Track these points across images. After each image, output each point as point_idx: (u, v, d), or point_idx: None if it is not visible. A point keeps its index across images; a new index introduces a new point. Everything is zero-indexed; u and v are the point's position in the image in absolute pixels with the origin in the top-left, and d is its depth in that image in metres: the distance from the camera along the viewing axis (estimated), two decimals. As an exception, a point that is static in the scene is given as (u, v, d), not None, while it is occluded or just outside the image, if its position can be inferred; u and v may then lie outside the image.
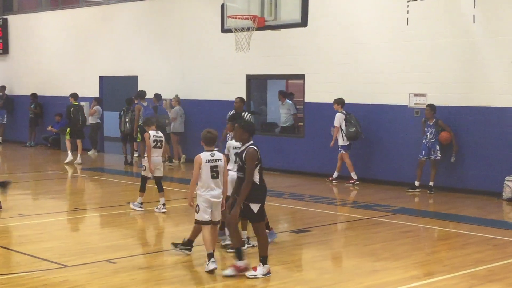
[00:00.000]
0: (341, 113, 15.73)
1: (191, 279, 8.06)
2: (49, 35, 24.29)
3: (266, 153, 16.97)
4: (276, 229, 11.51)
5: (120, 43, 21.65)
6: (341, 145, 15.77)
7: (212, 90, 19.14)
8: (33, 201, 14.19)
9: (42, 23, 24.66)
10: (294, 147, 17.29)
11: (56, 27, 24.05)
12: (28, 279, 7.98)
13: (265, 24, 13.26)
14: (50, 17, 24.40)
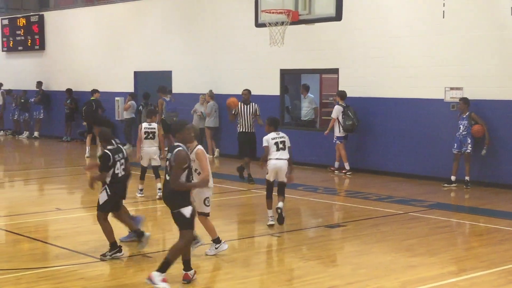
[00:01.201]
0: (340, 105, 16.18)
1: (226, 273, 8.07)
2: (84, 31, 24.51)
3: (301, 147, 17.02)
4: (311, 224, 11.51)
5: (154, 38, 21.75)
6: (337, 136, 16.29)
7: (246, 84, 19.06)
8: (69, 195, 14.34)
9: (77, 19, 24.89)
10: (327, 141, 17.19)
11: (91, 23, 24.26)
12: (66, 272, 8.08)
13: (299, 18, 13.23)
14: (86, 13, 24.61)
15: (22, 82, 26.59)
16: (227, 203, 12.97)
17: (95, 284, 7.60)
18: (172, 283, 7.46)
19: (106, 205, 8.90)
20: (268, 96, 18.48)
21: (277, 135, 10.70)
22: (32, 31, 26.32)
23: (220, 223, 11.14)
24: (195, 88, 20.24)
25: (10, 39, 27.34)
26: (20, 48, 27.03)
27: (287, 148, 10.66)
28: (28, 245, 9.52)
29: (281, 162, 10.57)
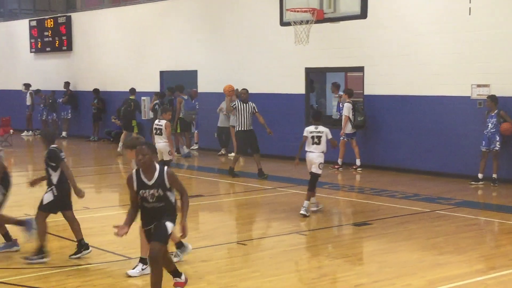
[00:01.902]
0: (349, 103, 16.37)
1: (253, 271, 8.07)
2: (110, 31, 24.67)
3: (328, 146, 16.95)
4: (337, 222, 11.47)
5: (179, 38, 21.82)
6: (346, 133, 16.47)
7: (271, 83, 19.12)
8: (97, 194, 14.44)
9: (104, 20, 25.06)
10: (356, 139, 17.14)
11: (118, 23, 24.41)
12: (94, 270, 8.14)
13: (324, 17, 13.19)
14: (112, 14, 24.78)
15: (50, 83, 26.84)
16: (253, 202, 12.98)
17: (122, 282, 7.64)
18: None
19: (49, 205, 8.82)
20: (293, 94, 18.47)
21: (315, 129, 11.46)
22: (59, 32, 26.55)
23: (247, 221, 11.18)
24: (220, 87, 20.21)
25: (38, 40, 27.61)
26: (48, 49, 27.27)
27: (323, 143, 11.33)
28: (57, 244, 9.60)
29: (313, 155, 11.33)
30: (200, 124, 21.39)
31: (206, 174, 16.43)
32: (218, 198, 13.57)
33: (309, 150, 11.48)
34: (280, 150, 18.78)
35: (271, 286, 7.47)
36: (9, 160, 20.10)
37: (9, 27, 29.84)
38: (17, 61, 29.32)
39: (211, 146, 20.59)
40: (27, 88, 27.29)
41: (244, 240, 9.60)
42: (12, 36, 29.50)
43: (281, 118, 18.79)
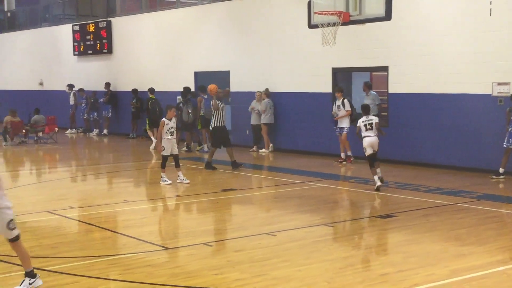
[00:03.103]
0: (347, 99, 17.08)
1: (283, 261, 8.06)
2: (148, 35, 24.82)
3: (353, 142, 16.90)
4: (362, 215, 11.42)
5: (213, 40, 21.87)
6: (347, 127, 16.88)
7: (300, 83, 19.08)
8: (136, 188, 14.53)
9: (141, 24, 25.21)
10: (386, 136, 17.00)
11: (155, 27, 24.53)
12: (134, 259, 8.19)
13: (350, 19, 13.16)
14: (149, 19, 24.91)
15: (92, 84, 27.08)
16: (283, 195, 12.97)
17: (161, 271, 7.68)
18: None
19: None
20: (320, 93, 18.41)
21: (366, 119, 13.08)
22: (100, 36, 26.77)
23: (276, 214, 11.16)
24: (251, 87, 20.28)
25: (81, 43, 27.87)
26: (90, 52, 27.52)
27: (374, 127, 12.97)
28: (99, 235, 9.68)
29: (371, 138, 12.96)
30: (233, 122, 21.42)
31: (238, 169, 16.43)
32: (250, 191, 13.58)
33: (366, 135, 12.99)
34: (308, 146, 18.75)
35: (300, 275, 7.45)
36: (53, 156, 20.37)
37: (54, 32, 30.18)
38: (61, 63, 29.64)
39: (244, 143, 20.61)
40: (70, 89, 27.59)
41: (275, 231, 9.59)
42: (57, 40, 29.83)
43: (309, 116, 18.75)
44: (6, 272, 7.66)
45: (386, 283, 7.14)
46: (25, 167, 18.57)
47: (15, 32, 33.29)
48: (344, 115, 16.95)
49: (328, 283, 7.14)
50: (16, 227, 6.88)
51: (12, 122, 22.90)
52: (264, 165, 17.64)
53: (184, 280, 7.28)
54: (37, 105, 25.55)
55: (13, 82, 33.26)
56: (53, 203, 12.16)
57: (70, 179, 15.74)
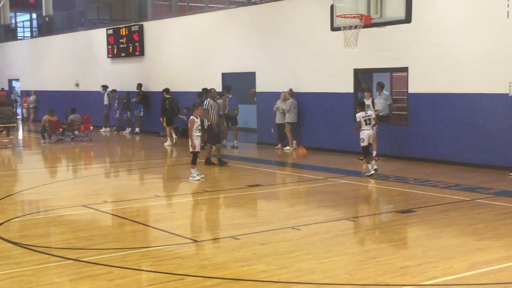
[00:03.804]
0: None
1: (307, 253, 8.05)
2: (178, 38, 24.92)
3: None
4: (383, 209, 11.35)
5: (239, 43, 21.89)
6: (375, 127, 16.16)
7: (323, 83, 19.02)
8: (166, 183, 14.59)
9: (172, 28, 25.32)
10: (399, 134, 16.90)
11: (184, 30, 24.62)
12: (164, 252, 8.23)
13: (372, 22, 13.05)
14: (179, 22, 25.00)
15: (125, 84, 27.26)
16: (306, 191, 12.94)
17: (190, 262, 7.71)
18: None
19: None
20: (342, 93, 18.33)
21: (366, 114, 14.14)
22: (133, 39, 26.93)
23: (300, 209, 11.15)
24: (276, 87, 20.26)
25: (114, 46, 28.07)
26: (122, 54, 27.71)
27: (372, 122, 14.17)
28: (132, 228, 9.75)
29: (369, 131, 14.13)
30: (259, 121, 21.43)
31: (264, 165, 16.45)
32: (275, 187, 13.58)
33: (365, 129, 14.08)
34: (331, 144, 18.68)
35: (323, 267, 7.43)
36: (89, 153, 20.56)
37: (89, 36, 30.44)
38: (96, 65, 29.89)
39: (269, 141, 20.61)
40: (104, 89, 27.81)
41: (298, 225, 9.58)
42: (92, 44, 30.07)
43: (331, 115, 18.69)
44: (43, 262, 7.75)
45: (406, 275, 7.09)
46: (62, 164, 18.76)
47: (53, 36, 33.63)
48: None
49: (350, 275, 7.12)
50: None
51: (50, 121, 23.15)
52: (288, 162, 17.62)
53: (212, 271, 7.30)
54: (73, 105, 25.80)
55: (51, 83, 33.63)
56: (88, 198, 12.27)
57: (104, 175, 15.87)
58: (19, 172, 17.18)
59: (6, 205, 11.71)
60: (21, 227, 9.96)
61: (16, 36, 39.55)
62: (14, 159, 19.95)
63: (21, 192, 13.21)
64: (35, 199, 12.56)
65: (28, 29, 40.25)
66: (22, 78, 37.04)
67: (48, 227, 9.89)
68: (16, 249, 8.38)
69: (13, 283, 6.97)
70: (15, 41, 38.46)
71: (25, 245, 8.53)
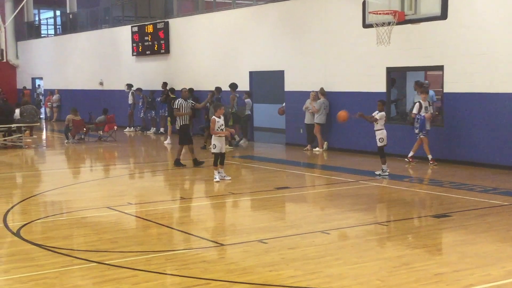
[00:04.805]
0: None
1: (337, 258, 8.02)
2: (204, 35, 25.01)
3: (404, 141, 16.70)
4: (417, 214, 11.27)
5: (267, 40, 21.90)
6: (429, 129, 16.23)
7: (354, 82, 18.94)
8: (192, 185, 14.66)
9: (198, 25, 25.43)
10: (433, 135, 16.75)
11: (210, 28, 24.71)
12: (190, 255, 8.26)
13: (405, 18, 12.98)
14: (205, 19, 25.10)
15: (149, 83, 27.46)
16: (337, 193, 12.90)
17: (216, 267, 7.73)
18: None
19: None
20: (374, 93, 18.23)
21: (385, 113, 14.45)
22: (158, 36, 27.12)
23: (331, 212, 11.12)
24: (306, 86, 20.24)
25: (139, 44, 28.28)
26: (147, 52, 27.91)
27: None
28: (156, 230, 9.81)
29: (385, 131, 14.43)
30: (287, 121, 21.42)
31: (292, 167, 16.45)
32: (304, 190, 13.57)
33: (383, 128, 14.46)
34: (362, 145, 18.59)
35: (354, 273, 7.40)
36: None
37: (114, 33, 30.72)
38: (120, 63, 30.15)
39: (298, 142, 20.59)
40: (129, 88, 28.04)
41: (328, 229, 9.55)
42: (116, 41, 30.35)
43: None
44: (67, 265, 7.83)
45: (441, 282, 7.03)
46: (85, 164, 18.96)
47: (77, 33, 34.02)
48: (431, 117, 16.21)
49: (382, 282, 7.07)
50: None
51: (74, 120, 23.41)
52: (317, 164, 17.58)
53: (239, 276, 7.32)
54: (97, 104, 26.07)
55: (74, 82, 34.01)
56: (112, 199, 12.38)
57: (128, 176, 16.00)
58: (42, 172, 17.40)
59: (29, 206, 11.88)
60: (44, 228, 10.09)
61: (39, 33, 40.08)
62: (37, 159, 20.22)
63: (44, 193, 13.38)
64: (58, 200, 12.72)
65: (52, 26, 40.74)
66: (46, 76, 37.52)
67: (71, 229, 10.00)
68: (39, 251, 8.49)
69: (36, 286, 7.06)
70: (38, 38, 38.98)
71: (48, 247, 8.64)
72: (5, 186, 14.39)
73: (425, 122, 15.94)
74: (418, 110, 16.05)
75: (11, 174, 16.67)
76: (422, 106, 16.04)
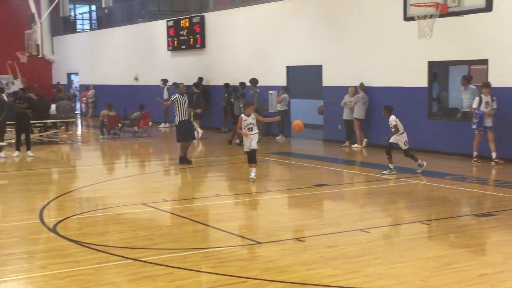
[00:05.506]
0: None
1: (376, 258, 7.98)
2: (240, 29, 25.06)
3: (447, 137, 16.50)
4: (460, 213, 11.13)
5: (305, 34, 21.84)
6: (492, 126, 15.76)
7: (394, 77, 18.78)
8: (228, 182, 14.69)
9: (234, 19, 25.48)
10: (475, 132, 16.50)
11: (247, 22, 24.74)
12: (226, 253, 8.30)
13: (448, 11, 12.82)
14: (242, 13, 25.13)
15: (185, 78, 27.58)
16: (376, 191, 12.82)
17: (253, 265, 7.76)
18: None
19: None
20: (415, 88, 18.06)
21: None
22: (194, 31, 27.25)
23: (370, 210, 11.06)
24: (344, 81, 20.14)
25: (175, 39, 28.47)
26: (183, 47, 28.07)
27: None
28: (192, 228, 9.87)
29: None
30: (325, 117, 21.35)
31: (330, 164, 16.40)
32: (342, 187, 13.51)
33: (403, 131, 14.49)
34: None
35: (394, 273, 7.36)
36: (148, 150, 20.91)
37: (149, 27, 30.97)
38: (155, 58, 30.39)
39: (336, 138, 20.51)
40: (164, 83, 28.24)
41: (367, 228, 9.50)
42: (152, 36, 30.59)
43: (403, 111, 18.38)
44: (103, 262, 7.94)
45: (484, 284, 6.95)
46: (120, 160, 19.18)
47: (112, 28, 34.38)
48: (491, 112, 15.67)
49: (423, 282, 7.02)
50: None
51: (109, 116, 23.68)
52: (356, 161, 17.49)
53: (276, 275, 7.33)
54: (132, 100, 26.32)
55: (109, 77, 34.39)
56: (147, 196, 12.50)
57: (163, 172, 16.12)
58: (77, 168, 17.66)
59: (65, 202, 12.06)
60: (79, 225, 10.24)
61: (75, 28, 40.63)
62: (72, 155, 20.52)
63: (80, 189, 13.58)
64: (93, 196, 12.89)
65: (87, 21, 41.28)
66: (81, 72, 38.03)
67: (107, 225, 10.13)
68: (75, 247, 8.62)
69: (73, 282, 7.18)
70: (74, 33, 39.51)
71: (84, 243, 8.77)
72: (41, 182, 14.64)
73: (483, 118, 15.55)
74: (478, 105, 15.63)
75: (47, 170, 16.95)
76: (483, 100, 15.59)
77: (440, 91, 19.06)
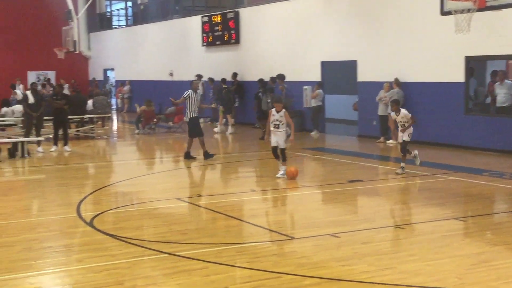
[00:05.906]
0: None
1: (411, 254, 7.92)
2: (275, 25, 25.02)
3: (483, 133, 16.28)
4: (497, 209, 10.99)
5: (339, 29, 21.72)
6: None
7: (430, 72, 18.58)
8: (262, 178, 14.65)
9: (268, 14, 25.46)
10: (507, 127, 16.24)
11: (281, 16, 24.69)
12: (260, 248, 8.32)
13: (486, 5, 12.64)
14: (276, 8, 25.09)
15: (219, 74, 27.66)
16: (410, 187, 12.72)
17: (287, 260, 7.76)
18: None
19: None
20: (452, 83, 17.84)
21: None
22: (228, 26, 27.30)
23: (405, 207, 10.98)
24: (379, 77, 19.99)
25: (209, 34, 28.55)
26: (218, 42, 28.14)
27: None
28: (226, 223, 9.90)
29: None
30: (360, 112, 21.24)
31: (365, 160, 16.31)
32: (377, 183, 13.44)
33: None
34: (439, 138, 18.25)
35: (430, 270, 7.29)
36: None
37: (184, 23, 31.12)
38: (190, 54, 30.53)
39: (371, 134, 20.39)
40: (199, 79, 28.33)
41: (402, 224, 9.44)
42: (186, 32, 30.73)
43: (439, 107, 18.24)
44: (138, 256, 8.02)
45: (522, 282, 6.85)
46: (155, 155, 19.33)
47: (147, 24, 34.63)
48: None
49: (460, 279, 6.95)
50: None
51: (145, 111, 23.89)
52: (391, 156, 17.36)
53: (311, 270, 7.32)
54: (167, 95, 26.41)
55: (145, 73, 34.66)
56: (182, 191, 12.59)
57: (198, 167, 16.20)
58: (113, 163, 17.85)
59: (101, 196, 12.21)
60: (115, 219, 10.36)
61: (111, 25, 41.04)
62: (108, 150, 20.74)
63: (116, 184, 13.73)
64: (129, 191, 13.02)
65: (123, 17, 41.62)
66: (117, 67, 38.40)
67: (142, 219, 10.22)
68: (111, 241, 8.73)
69: (109, 275, 7.26)
70: (110, 30, 39.90)
71: (120, 237, 8.87)
72: (78, 177, 14.84)
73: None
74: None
75: (83, 164, 17.17)
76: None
77: (477, 86, 18.83)
